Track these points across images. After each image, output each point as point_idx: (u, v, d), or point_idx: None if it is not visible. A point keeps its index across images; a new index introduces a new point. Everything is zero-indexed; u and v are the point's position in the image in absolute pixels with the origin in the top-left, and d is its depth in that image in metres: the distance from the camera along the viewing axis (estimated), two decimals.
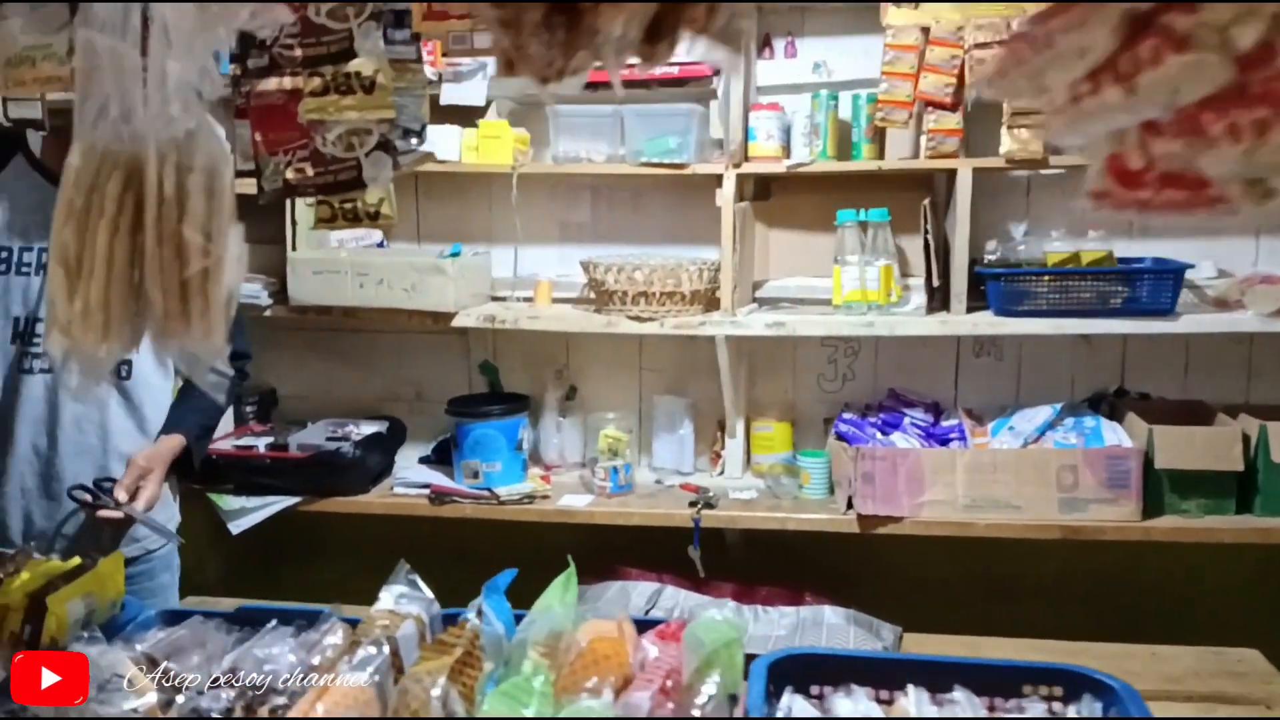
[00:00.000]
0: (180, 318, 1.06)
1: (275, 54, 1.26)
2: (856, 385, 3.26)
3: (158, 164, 1.04)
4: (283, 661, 1.17)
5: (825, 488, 3.01)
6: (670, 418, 3.29)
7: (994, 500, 2.75)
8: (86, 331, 1.06)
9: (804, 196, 3.15)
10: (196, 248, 1.04)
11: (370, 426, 3.27)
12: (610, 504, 3.03)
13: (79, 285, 1.05)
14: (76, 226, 1.06)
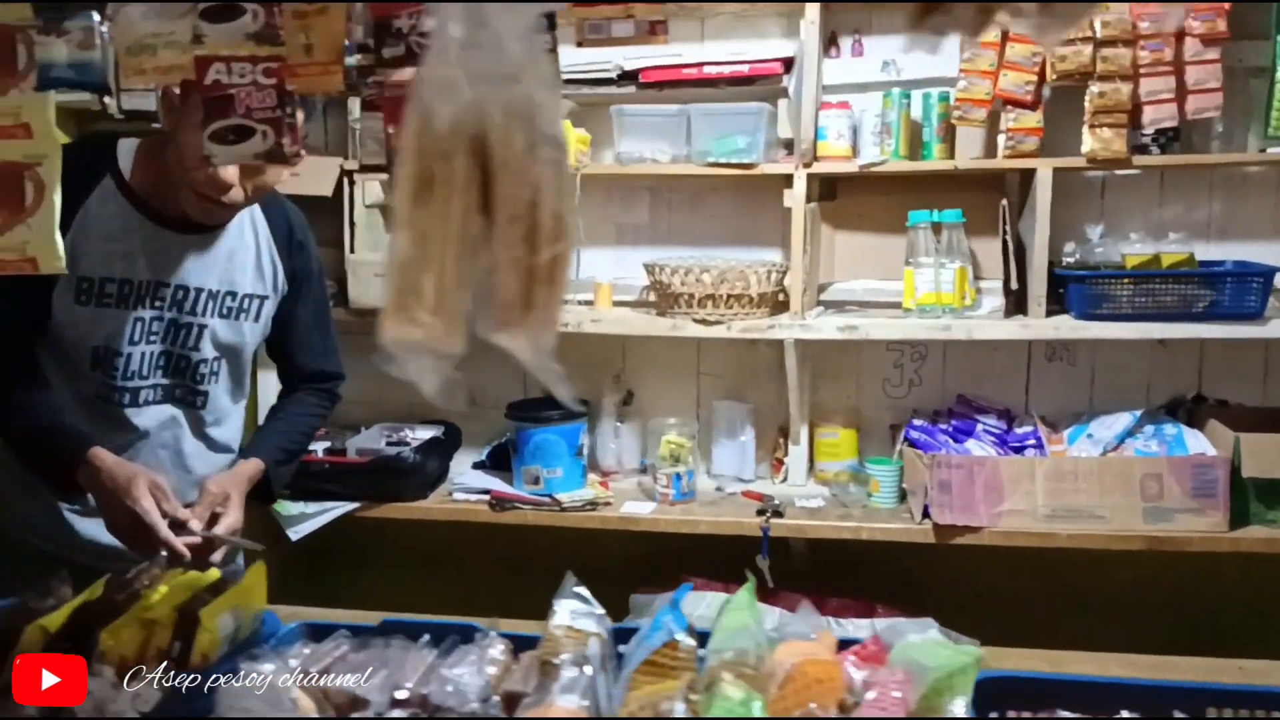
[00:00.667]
0: (522, 306, 1.02)
1: (412, 43, 1.22)
2: (923, 391, 3.22)
3: (506, 141, 1.00)
4: (470, 682, 1.14)
5: (895, 496, 2.96)
6: (731, 423, 3.24)
7: (1076, 510, 2.70)
8: (439, 318, 1.01)
9: (871, 197, 3.11)
10: (548, 230, 1.01)
11: (426, 431, 3.25)
12: (674, 512, 2.99)
13: (429, 268, 1.01)
14: (423, 204, 1.02)
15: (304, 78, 1.25)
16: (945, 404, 3.16)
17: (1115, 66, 2.72)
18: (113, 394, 1.87)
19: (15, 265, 1.29)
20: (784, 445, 3.21)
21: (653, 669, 1.15)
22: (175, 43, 1.24)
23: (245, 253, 1.97)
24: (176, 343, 1.91)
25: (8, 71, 1.26)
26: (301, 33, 1.24)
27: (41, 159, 1.29)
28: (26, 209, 1.28)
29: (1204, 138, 2.90)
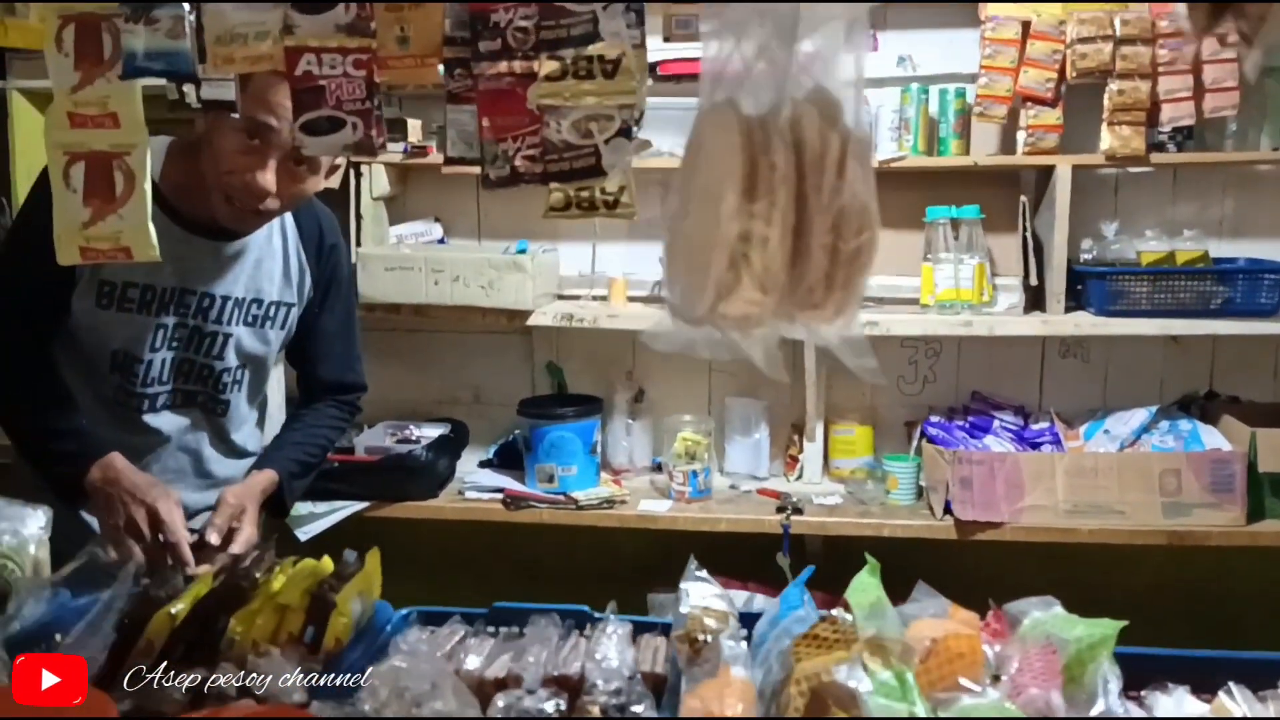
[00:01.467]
0: (825, 288, 1.06)
1: (508, 37, 1.24)
2: (937, 388, 3.26)
3: (819, 137, 1.04)
4: (618, 660, 1.16)
5: (913, 493, 3.00)
6: (745, 420, 3.27)
7: (1096, 506, 2.76)
8: (768, 296, 1.06)
9: (886, 193, 3.10)
10: (855, 220, 1.04)
11: (433, 429, 3.25)
12: (691, 509, 3.01)
13: (758, 252, 1.05)
14: (751, 196, 1.05)
15: (396, 70, 1.26)
16: (960, 401, 3.21)
17: (1134, 65, 2.78)
18: (130, 398, 1.85)
19: (109, 254, 1.29)
20: (798, 442, 3.25)
21: (814, 642, 1.18)
22: (265, 33, 1.24)
23: (273, 260, 1.93)
24: (199, 351, 1.88)
25: (94, 60, 1.26)
26: (396, 25, 1.24)
27: (130, 148, 1.29)
28: (118, 199, 1.28)
29: (1218, 136, 2.97)
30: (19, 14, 1.20)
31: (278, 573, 1.32)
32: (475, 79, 1.27)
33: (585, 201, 1.29)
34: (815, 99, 1.09)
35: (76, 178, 1.30)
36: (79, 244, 1.32)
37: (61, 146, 1.29)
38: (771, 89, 1.09)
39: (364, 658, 1.26)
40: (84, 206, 1.30)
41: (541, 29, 1.23)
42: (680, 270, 1.17)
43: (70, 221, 1.31)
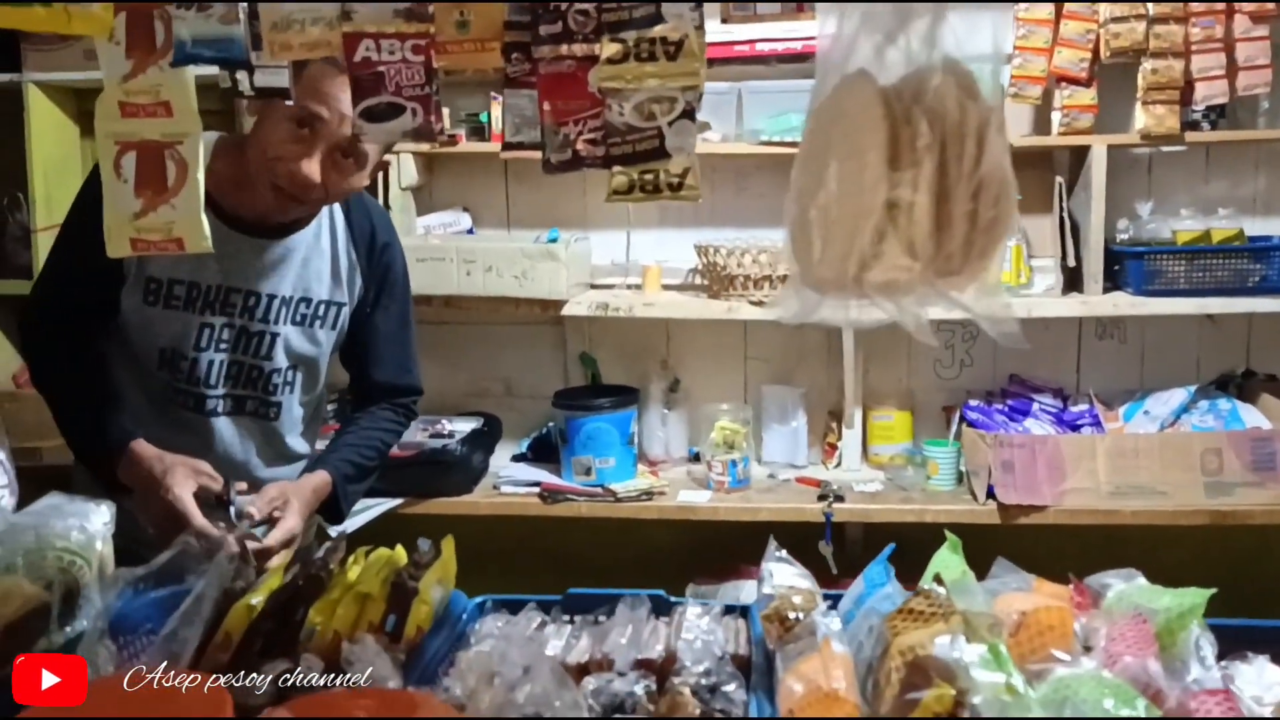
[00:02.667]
0: (963, 255, 1.08)
1: (570, 19, 1.23)
2: (975, 371, 3.26)
3: (958, 109, 1.05)
4: (712, 640, 1.16)
5: (954, 478, 3.00)
6: (782, 408, 3.26)
7: (1138, 487, 2.75)
8: (918, 262, 1.07)
9: None
10: (994, 189, 1.05)
11: (465, 423, 3.24)
12: (731, 499, 3.01)
13: (907, 220, 1.06)
14: (896, 166, 1.07)
15: (455, 54, 1.26)
16: (997, 384, 3.20)
17: (1167, 43, 2.77)
18: (178, 395, 1.85)
19: (161, 245, 1.29)
20: (836, 430, 3.24)
21: (910, 616, 1.18)
22: (322, 19, 1.24)
23: (321, 258, 1.92)
24: (247, 352, 1.87)
25: (146, 49, 1.26)
26: (456, 10, 1.25)
27: (183, 137, 1.29)
28: (170, 189, 1.28)
29: (1250, 114, 2.96)
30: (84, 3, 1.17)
31: (351, 563, 1.32)
32: (535, 63, 1.28)
33: (649, 184, 1.28)
34: (952, 70, 1.14)
35: (128, 168, 1.30)
36: (129, 235, 1.32)
37: (113, 136, 1.30)
38: (903, 61, 1.14)
39: (445, 645, 1.26)
40: (135, 197, 1.30)
41: (603, 11, 1.24)
42: (814, 241, 1.19)
43: (121, 212, 1.31)
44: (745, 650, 1.30)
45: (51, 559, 1.23)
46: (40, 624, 1.19)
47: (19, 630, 1.16)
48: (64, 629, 1.21)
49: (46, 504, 1.31)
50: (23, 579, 1.19)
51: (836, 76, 1.20)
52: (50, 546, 1.24)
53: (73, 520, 1.27)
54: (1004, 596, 1.30)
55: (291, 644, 1.19)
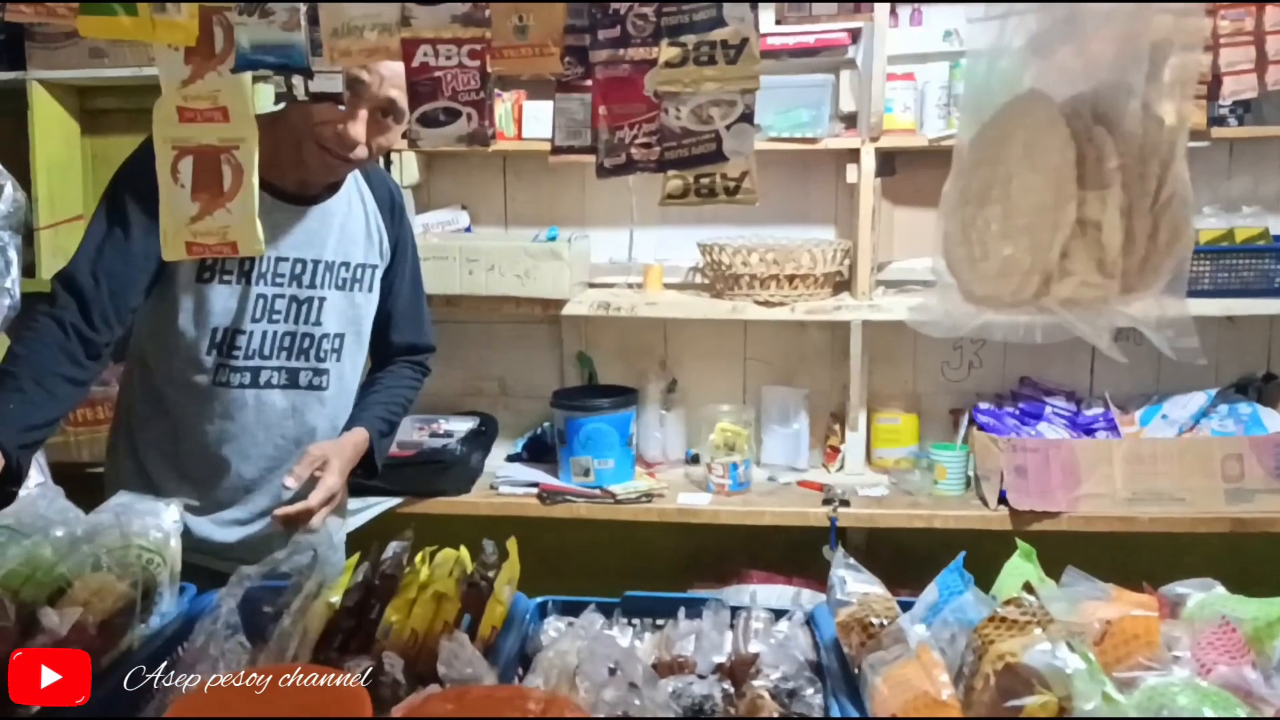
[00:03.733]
0: (1139, 271, 1.15)
1: (628, 24, 1.31)
2: (983, 374, 3.35)
3: (1143, 120, 1.12)
4: (794, 643, 1.24)
5: (962, 483, 3.09)
6: (783, 410, 3.35)
7: (1156, 493, 2.85)
8: (1109, 279, 1.13)
9: (933, 171, 3.21)
10: (1177, 201, 1.12)
11: (463, 423, 3.31)
12: (732, 502, 3.08)
13: (1093, 235, 1.13)
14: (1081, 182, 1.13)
15: (512, 59, 1.32)
16: (1007, 387, 3.30)
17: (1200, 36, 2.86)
18: (232, 375, 1.93)
19: (216, 249, 1.36)
20: (839, 432, 3.33)
21: (1002, 624, 1.24)
22: (381, 24, 1.31)
23: (355, 222, 2.05)
24: (298, 320, 1.98)
25: (205, 54, 1.32)
26: (514, 14, 1.31)
27: (239, 142, 1.35)
28: (226, 193, 1.35)
29: (1276, 109, 3.05)
30: (169, 12, 1.24)
31: (420, 562, 1.40)
32: (588, 67, 1.34)
33: (705, 188, 1.36)
34: (1133, 89, 1.21)
35: (185, 172, 1.36)
36: (185, 239, 1.38)
37: (170, 141, 1.35)
38: (1081, 78, 1.21)
39: (517, 644, 1.34)
40: (192, 201, 1.37)
41: (663, 15, 1.29)
42: (982, 256, 1.25)
43: (178, 216, 1.37)
44: (813, 655, 1.38)
45: (133, 557, 1.31)
46: (127, 620, 1.26)
47: (111, 626, 1.23)
48: (141, 624, 1.29)
49: (118, 503, 1.39)
50: (112, 576, 1.26)
51: (1003, 93, 1.26)
52: (132, 544, 1.32)
53: (149, 519, 1.35)
54: (1085, 605, 1.35)
55: (369, 641, 1.27)
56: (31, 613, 1.19)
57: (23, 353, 1.76)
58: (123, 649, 1.24)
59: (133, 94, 3.23)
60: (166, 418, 1.96)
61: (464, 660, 1.12)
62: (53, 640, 1.14)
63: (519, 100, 3.12)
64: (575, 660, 1.20)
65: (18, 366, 1.74)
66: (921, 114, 3.10)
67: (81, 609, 1.19)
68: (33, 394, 1.72)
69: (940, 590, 1.43)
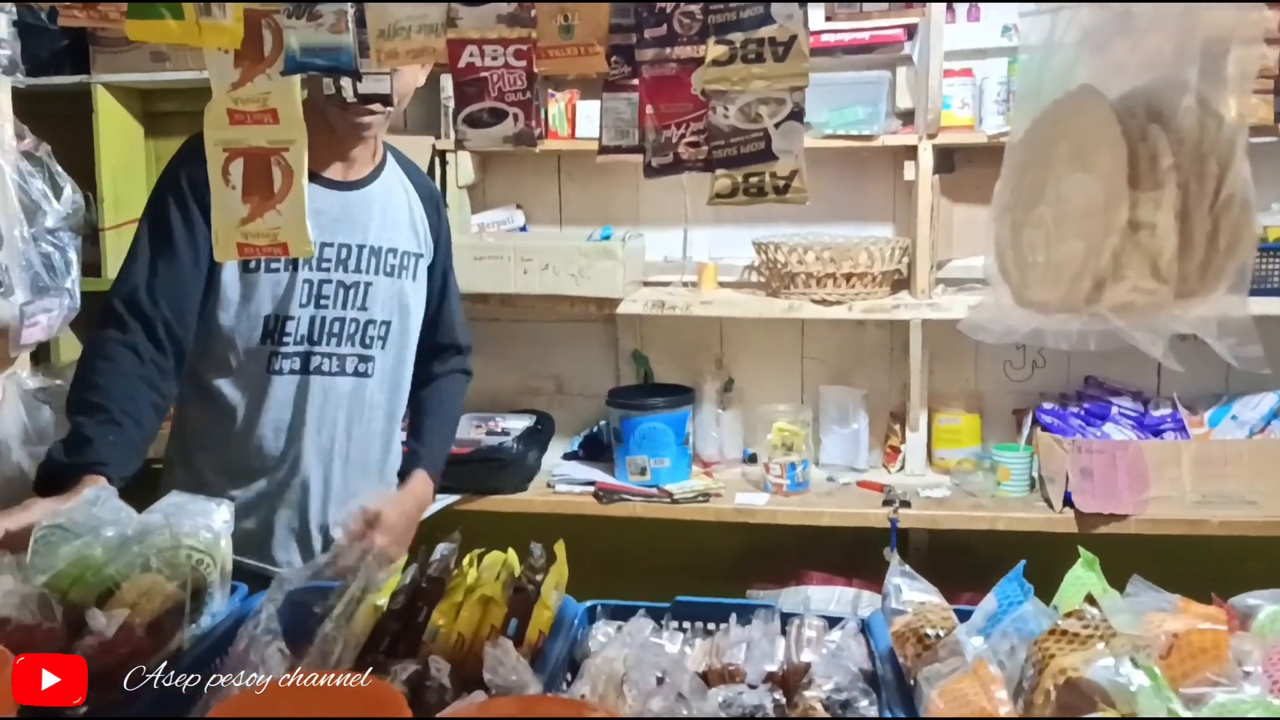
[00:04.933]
0: (1200, 276, 1.13)
1: (675, 22, 1.29)
2: (1047, 373, 3.28)
3: (1200, 118, 1.10)
4: (850, 652, 1.22)
5: (1026, 484, 3.03)
6: (842, 410, 3.31)
7: (1226, 495, 2.78)
8: (1164, 285, 1.12)
9: (991, 169, 3.15)
10: (1236, 203, 1.10)
11: (519, 421, 3.32)
12: (790, 503, 3.06)
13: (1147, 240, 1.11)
14: (1135, 185, 1.12)
15: (557, 59, 1.32)
16: (1071, 387, 3.23)
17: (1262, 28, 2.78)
18: (284, 362, 1.94)
19: (267, 250, 1.37)
20: (899, 432, 3.28)
21: (1063, 637, 1.20)
22: (428, 25, 1.31)
23: (398, 210, 2.06)
24: (345, 305, 1.98)
25: (254, 58, 1.33)
26: (560, 14, 1.30)
27: (289, 144, 1.36)
28: (276, 194, 1.36)
29: None
30: (215, 15, 1.25)
31: (466, 565, 1.40)
32: (635, 66, 1.33)
33: (754, 187, 1.34)
34: (1189, 85, 1.18)
35: (235, 174, 1.38)
36: (236, 240, 1.40)
37: (221, 144, 1.37)
38: (1136, 74, 1.18)
39: (565, 649, 1.33)
40: (242, 203, 1.38)
41: (710, 13, 1.28)
42: (1033, 260, 1.22)
43: (229, 218, 1.39)
44: (867, 665, 1.35)
45: (183, 557, 1.32)
46: (176, 621, 1.27)
47: (159, 627, 1.24)
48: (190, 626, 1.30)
49: (169, 503, 1.40)
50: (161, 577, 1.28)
51: (1055, 89, 1.22)
52: (182, 545, 1.33)
53: (200, 519, 1.36)
54: (1149, 616, 1.31)
55: (415, 644, 1.27)
56: (79, 614, 1.20)
57: (106, 385, 1.79)
58: (172, 650, 1.25)
59: (194, 96, 3.27)
60: (218, 410, 1.97)
61: (509, 667, 1.11)
62: (100, 642, 1.15)
63: (572, 100, 3.12)
64: (623, 668, 1.19)
65: (107, 400, 1.77)
66: (980, 110, 3.05)
67: (129, 610, 1.20)
68: (127, 427, 1.76)
69: (999, 600, 1.40)
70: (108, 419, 1.74)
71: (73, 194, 2.26)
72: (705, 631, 1.43)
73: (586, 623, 1.44)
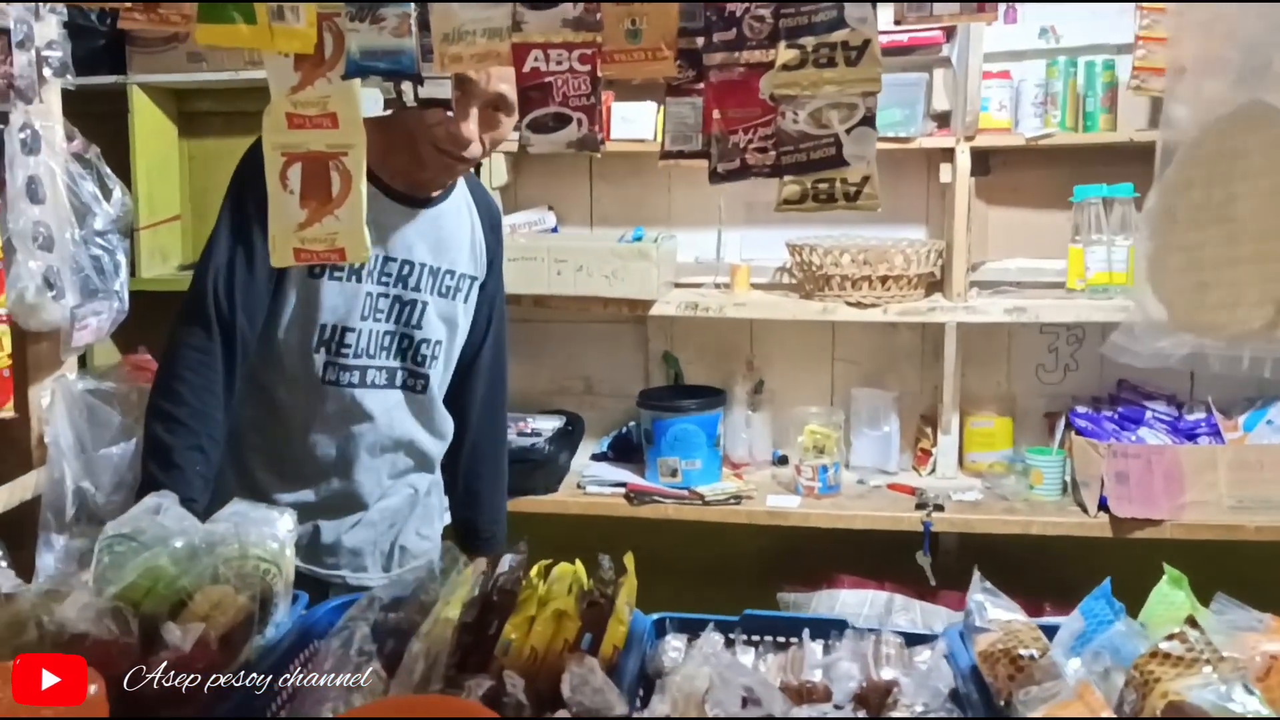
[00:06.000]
0: None
1: (744, 26, 1.26)
2: (1080, 376, 3.25)
3: None
4: (938, 672, 1.19)
5: (1059, 488, 3.00)
6: (874, 412, 3.28)
7: (1263, 500, 2.74)
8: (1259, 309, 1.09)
9: (1027, 171, 3.16)
10: None
11: (549, 421, 3.30)
12: (821, 505, 3.03)
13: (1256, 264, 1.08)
14: None
15: (623, 64, 1.29)
16: (1104, 390, 3.20)
17: None
18: (341, 374, 1.92)
19: (324, 255, 1.35)
20: (930, 435, 3.25)
21: (1167, 660, 1.16)
22: (493, 29, 1.28)
23: (462, 231, 2.04)
24: (401, 320, 1.96)
25: (315, 61, 1.31)
26: (627, 18, 1.27)
27: (348, 148, 1.34)
28: (335, 200, 1.33)
29: None
30: (288, 19, 1.23)
31: (535, 575, 1.37)
32: (702, 70, 1.30)
33: (823, 194, 1.31)
34: None
35: (294, 179, 1.35)
36: (293, 245, 1.37)
37: (280, 148, 1.34)
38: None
39: (636, 665, 1.30)
40: (300, 208, 1.35)
41: (781, 17, 1.25)
42: (1198, 283, 1.19)
43: (286, 223, 1.36)
44: (949, 684, 1.31)
45: (250, 567, 1.29)
46: (246, 633, 1.24)
47: (231, 639, 1.22)
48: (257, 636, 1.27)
49: (233, 511, 1.37)
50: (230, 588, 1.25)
51: (1216, 106, 1.19)
52: (250, 555, 1.30)
53: (265, 529, 1.33)
54: (1241, 636, 1.28)
55: (486, 658, 1.24)
56: (153, 627, 1.18)
57: (193, 400, 1.78)
58: (240, 662, 1.22)
59: (228, 97, 3.28)
60: (271, 417, 1.95)
61: (594, 686, 1.08)
62: (176, 656, 1.13)
63: (607, 101, 3.09)
64: (704, 685, 1.16)
65: (193, 420, 1.78)
66: (1017, 112, 3.01)
67: (203, 624, 1.17)
68: (209, 450, 1.79)
69: (1086, 618, 1.36)
70: (194, 444, 1.76)
71: (122, 196, 2.23)
72: (776, 645, 1.40)
73: (654, 636, 1.40)
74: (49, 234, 2.08)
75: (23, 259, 2.03)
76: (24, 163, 2.04)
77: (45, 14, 2.08)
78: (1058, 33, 3.10)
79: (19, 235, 2.03)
